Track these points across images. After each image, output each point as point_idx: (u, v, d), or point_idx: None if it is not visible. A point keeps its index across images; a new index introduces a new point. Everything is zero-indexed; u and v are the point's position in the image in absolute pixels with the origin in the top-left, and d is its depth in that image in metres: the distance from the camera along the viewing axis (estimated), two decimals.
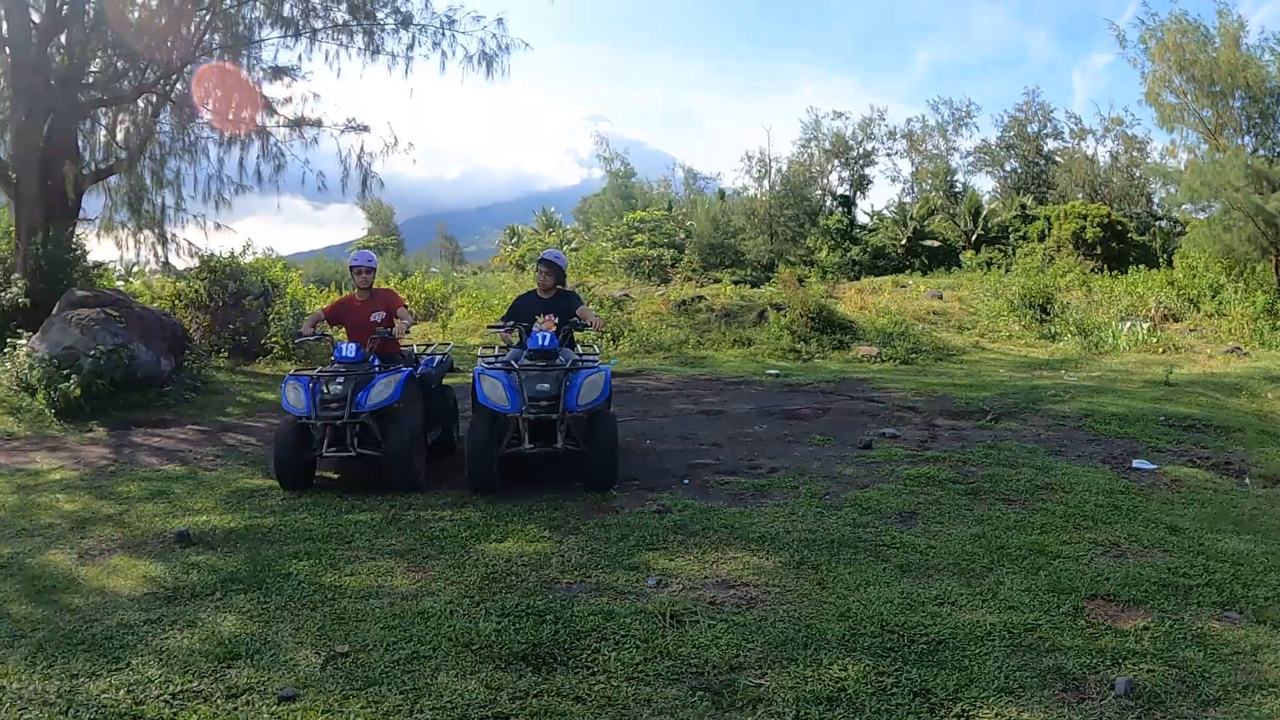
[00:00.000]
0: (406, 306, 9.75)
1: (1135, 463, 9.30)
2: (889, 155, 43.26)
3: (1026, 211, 35.92)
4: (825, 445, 10.03)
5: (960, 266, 32.21)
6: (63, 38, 15.71)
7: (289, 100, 17.68)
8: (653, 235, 35.11)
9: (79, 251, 16.46)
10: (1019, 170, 41.53)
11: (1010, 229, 35.53)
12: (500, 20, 17.88)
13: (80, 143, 16.64)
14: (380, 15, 16.95)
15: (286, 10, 16.65)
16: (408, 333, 9.80)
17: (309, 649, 4.85)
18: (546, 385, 8.07)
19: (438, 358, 10.06)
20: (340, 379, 8.45)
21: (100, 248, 18.84)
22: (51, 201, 15.52)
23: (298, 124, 17.46)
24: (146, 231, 18.03)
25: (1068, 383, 14.91)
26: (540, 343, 8.38)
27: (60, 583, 5.97)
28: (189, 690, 4.39)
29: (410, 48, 17.18)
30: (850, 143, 41.62)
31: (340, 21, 16.93)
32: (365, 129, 17.66)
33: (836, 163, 41.93)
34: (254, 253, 20.68)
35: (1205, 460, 9.55)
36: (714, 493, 8.10)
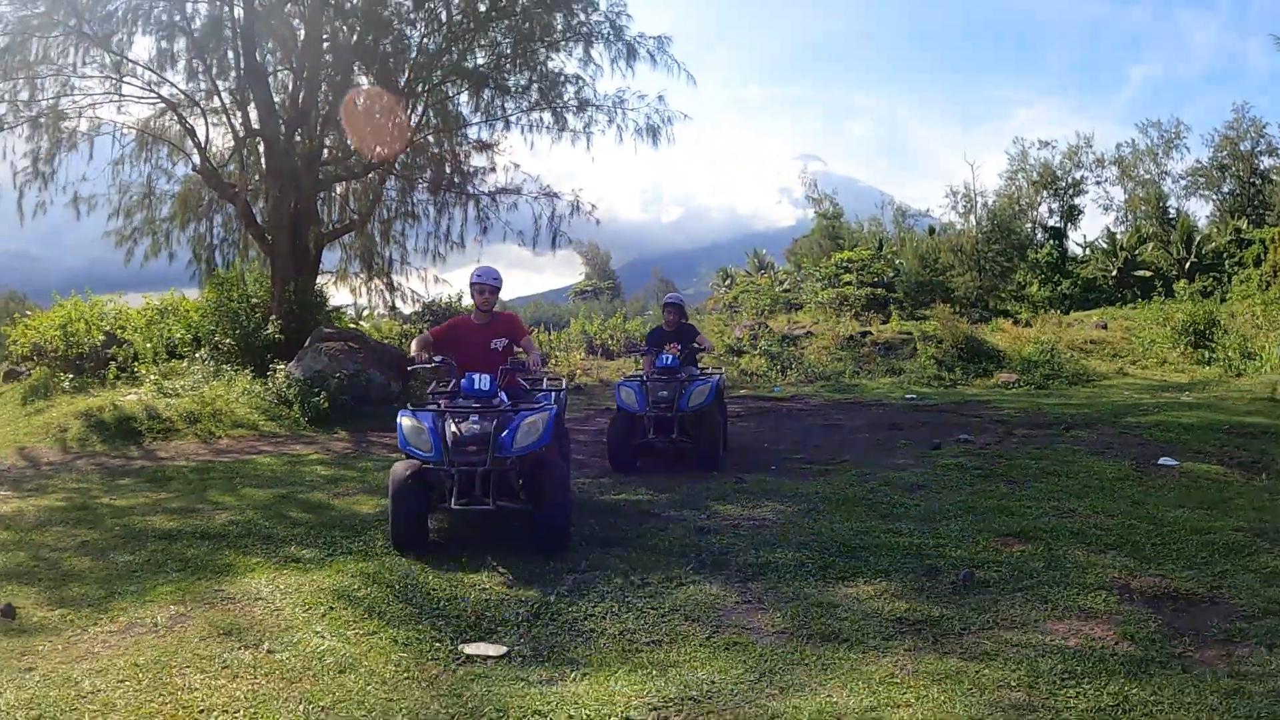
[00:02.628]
0: (531, 335, 9.29)
1: (1161, 460, 10.79)
2: (1099, 183, 43.65)
3: (1241, 235, 35.62)
4: (905, 447, 12.81)
5: (1173, 296, 32.10)
6: (304, 127, 20.37)
7: (493, 169, 22.41)
8: (861, 275, 37.15)
9: (321, 298, 21.09)
10: (1235, 192, 40.88)
11: (1225, 255, 35.40)
12: (661, 96, 23.08)
13: (320, 208, 21.52)
14: (565, 96, 21.15)
15: (486, 96, 21.12)
16: (541, 365, 9.25)
17: (472, 535, 8.35)
18: (665, 393, 11.49)
19: (554, 393, 9.54)
20: (475, 418, 7.76)
21: (337, 294, 23.71)
22: (299, 257, 20.17)
23: (500, 191, 22.08)
24: (376, 280, 23.32)
25: (1179, 401, 16.59)
26: (665, 361, 11.77)
27: (321, 506, 9.71)
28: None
29: (588, 126, 21.38)
30: (1058, 172, 42.27)
31: (530, 104, 21.24)
32: (556, 195, 22.19)
33: (1045, 194, 42.51)
34: None
35: (1234, 460, 10.94)
36: (789, 473, 11.17)
